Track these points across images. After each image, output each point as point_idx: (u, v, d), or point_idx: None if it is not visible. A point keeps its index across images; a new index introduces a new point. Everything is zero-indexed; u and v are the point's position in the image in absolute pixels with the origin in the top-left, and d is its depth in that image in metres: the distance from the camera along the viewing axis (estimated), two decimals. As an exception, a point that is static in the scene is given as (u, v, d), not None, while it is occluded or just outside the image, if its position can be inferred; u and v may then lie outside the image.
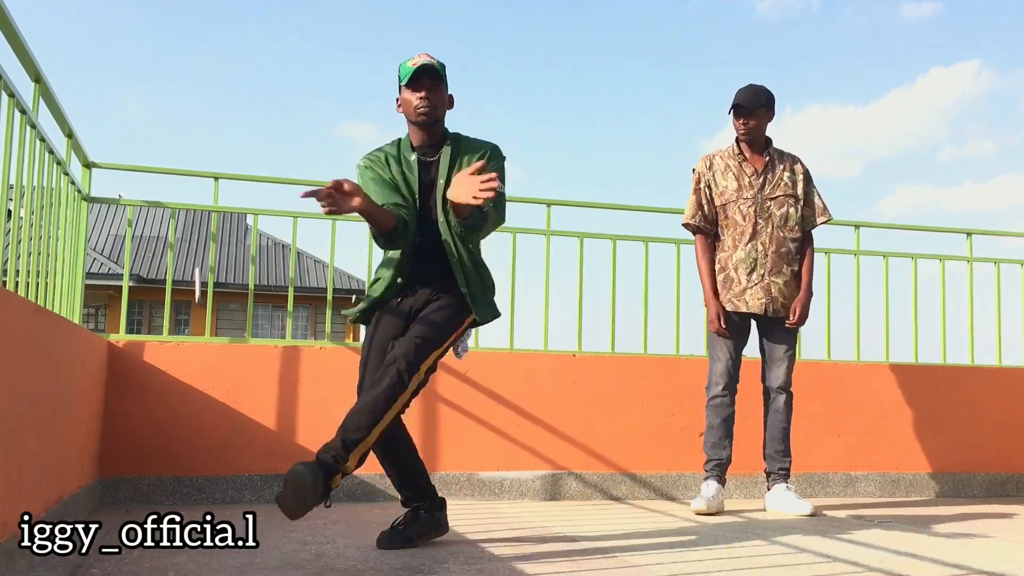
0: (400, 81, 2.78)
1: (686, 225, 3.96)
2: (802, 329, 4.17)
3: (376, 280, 2.84)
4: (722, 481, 3.78)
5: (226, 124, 42.90)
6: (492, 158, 2.80)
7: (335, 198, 2.41)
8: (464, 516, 3.42)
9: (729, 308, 3.83)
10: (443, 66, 2.78)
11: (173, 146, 40.19)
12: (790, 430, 3.86)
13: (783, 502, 3.76)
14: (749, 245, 3.82)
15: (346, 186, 2.42)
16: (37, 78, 2.73)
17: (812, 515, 3.64)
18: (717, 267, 3.90)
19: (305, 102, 42.54)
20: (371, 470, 3.90)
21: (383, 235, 2.66)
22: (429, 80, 2.72)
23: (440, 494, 3.96)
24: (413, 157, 2.80)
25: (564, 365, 4.25)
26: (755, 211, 3.83)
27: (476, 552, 2.64)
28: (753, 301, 3.80)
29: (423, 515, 2.77)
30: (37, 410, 2.34)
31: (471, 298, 2.77)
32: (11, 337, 2.06)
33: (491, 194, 2.41)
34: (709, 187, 3.91)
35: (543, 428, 4.17)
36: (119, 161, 3.99)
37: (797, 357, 4.52)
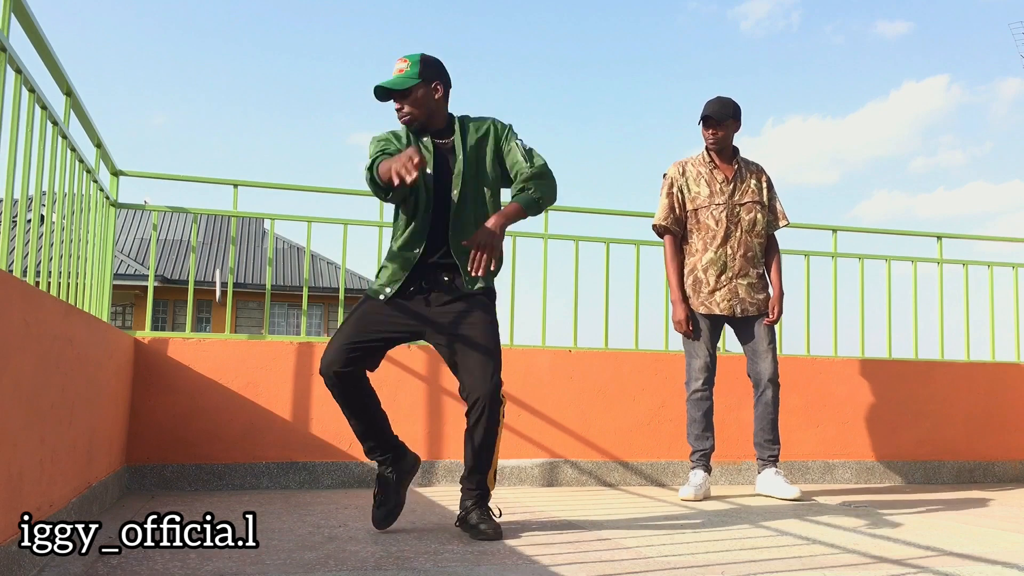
0: None
1: (657, 227, 3.93)
2: (783, 325, 4.18)
3: (382, 268, 2.75)
4: (708, 470, 3.78)
5: (244, 133, 42.89)
6: (501, 135, 2.77)
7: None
8: (467, 501, 3.41)
9: (702, 311, 3.82)
10: (417, 61, 2.69)
11: (195, 154, 40.21)
12: (778, 419, 3.84)
13: (772, 485, 3.75)
14: (720, 249, 3.82)
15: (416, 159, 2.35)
16: (68, 92, 2.73)
17: (798, 499, 3.64)
18: (686, 270, 3.89)
19: (319, 113, 42.57)
20: (380, 458, 3.91)
21: (396, 188, 2.55)
22: (395, 95, 2.69)
23: (443, 480, 3.97)
24: (427, 139, 2.75)
25: (561, 360, 4.25)
26: (726, 216, 3.83)
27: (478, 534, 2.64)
28: (723, 303, 3.80)
29: (390, 472, 2.73)
30: (68, 402, 2.34)
31: (489, 280, 2.74)
32: (43, 334, 2.06)
33: (481, 272, 2.51)
34: (682, 192, 3.89)
35: (541, 419, 4.16)
36: (145, 169, 4.00)
37: (779, 353, 4.53)
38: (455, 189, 2.71)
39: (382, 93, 2.69)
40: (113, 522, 2.75)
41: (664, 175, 3.97)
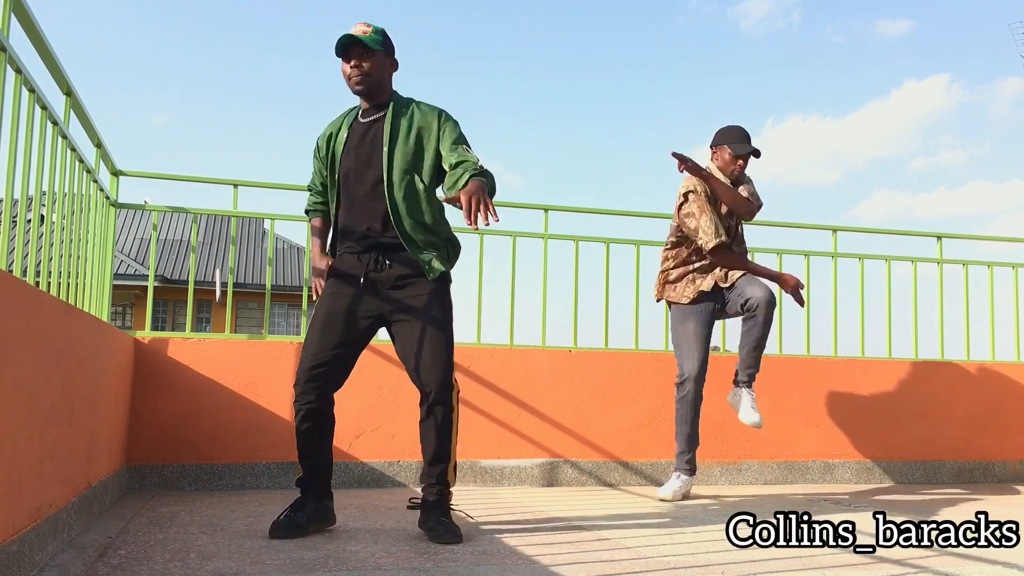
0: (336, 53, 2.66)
1: (716, 247, 3.69)
2: (783, 326, 4.17)
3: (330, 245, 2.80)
4: (692, 473, 3.79)
5: (244, 133, 42.90)
6: (445, 125, 2.68)
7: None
8: (467, 501, 3.41)
9: (694, 296, 3.78)
10: (380, 31, 2.65)
11: (195, 154, 40.22)
12: (765, 343, 3.77)
13: (740, 403, 3.76)
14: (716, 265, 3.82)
15: (318, 281, 2.79)
16: (68, 92, 2.73)
17: (757, 426, 3.68)
18: (679, 272, 3.86)
19: (317, 112, 42.59)
20: (379, 458, 3.92)
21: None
22: (357, 50, 2.62)
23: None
24: (351, 122, 2.75)
25: (561, 360, 4.25)
26: (726, 233, 3.82)
27: (478, 534, 2.64)
28: (707, 282, 3.77)
29: (311, 504, 2.62)
30: (68, 402, 2.34)
31: (438, 258, 2.66)
32: (43, 334, 2.06)
33: (484, 222, 2.31)
34: (711, 204, 3.80)
35: (541, 419, 4.16)
36: (144, 169, 3.99)
37: (778, 353, 4.54)
38: (384, 167, 2.63)
39: (351, 41, 2.60)
40: (113, 522, 2.75)
41: (692, 191, 3.75)
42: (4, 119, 2.06)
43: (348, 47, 2.63)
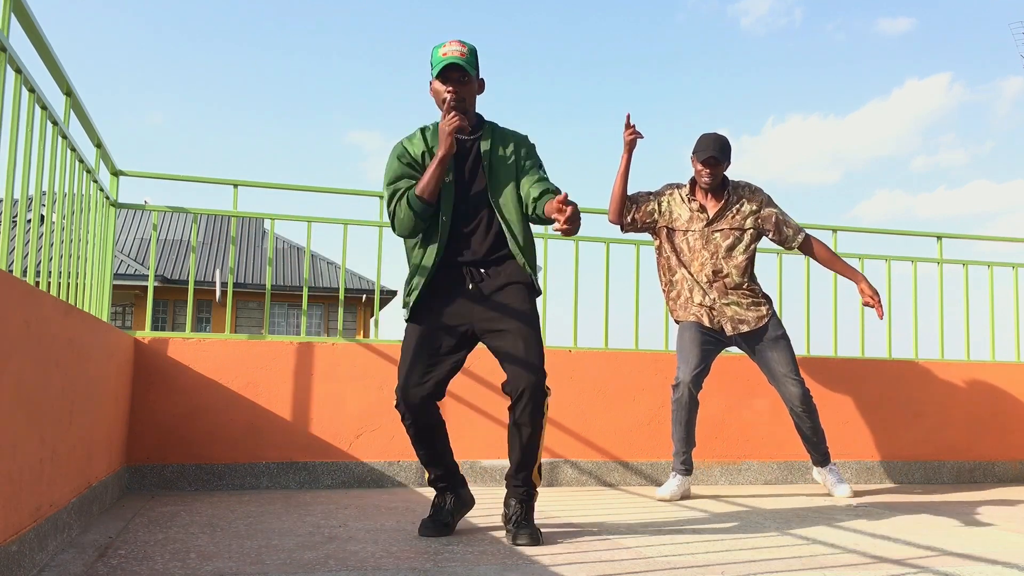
0: (432, 68, 2.64)
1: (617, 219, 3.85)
2: (784, 325, 4.16)
3: (413, 279, 2.70)
4: (688, 472, 3.80)
5: (243, 132, 42.93)
6: (531, 150, 2.76)
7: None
8: (467, 501, 3.41)
9: (691, 319, 3.81)
10: (474, 53, 2.65)
11: (194, 153, 40.26)
12: (817, 426, 3.87)
13: (827, 482, 3.97)
14: (697, 273, 3.81)
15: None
16: (68, 91, 2.73)
17: (852, 496, 3.84)
18: (671, 285, 3.90)
19: (316, 111, 42.60)
20: (379, 458, 3.92)
21: (426, 203, 2.60)
22: (457, 74, 2.62)
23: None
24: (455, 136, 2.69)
25: (561, 360, 4.25)
26: (700, 243, 3.81)
27: (477, 534, 2.64)
28: (704, 319, 3.79)
29: (449, 497, 2.71)
30: (68, 402, 2.34)
31: (530, 267, 2.70)
32: (43, 334, 2.06)
33: (573, 227, 2.37)
34: (662, 206, 3.87)
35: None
36: (144, 169, 4.00)
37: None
38: (488, 187, 2.68)
39: (452, 65, 2.60)
40: (113, 522, 2.75)
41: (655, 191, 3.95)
42: (4, 119, 2.06)
43: (449, 71, 2.62)
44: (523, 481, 2.64)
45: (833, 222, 4.86)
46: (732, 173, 4.57)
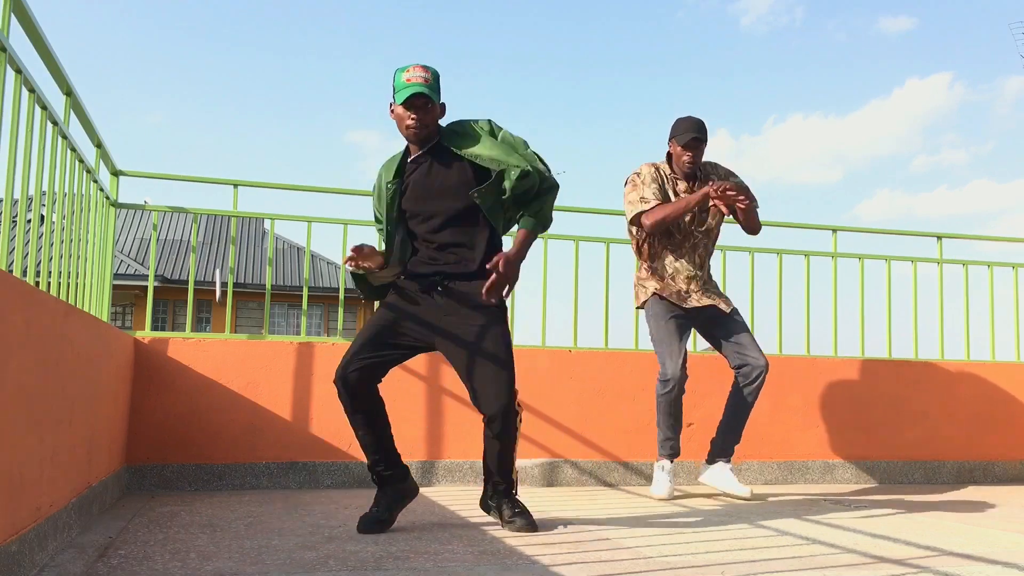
0: (394, 93, 2.72)
1: (637, 217, 3.66)
2: (783, 326, 4.17)
3: (388, 260, 2.83)
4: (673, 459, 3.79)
5: (241, 131, 42.94)
6: (483, 133, 2.78)
7: (355, 258, 2.70)
8: (467, 501, 3.41)
9: (673, 299, 3.72)
10: (437, 78, 2.72)
11: (192, 152, 40.26)
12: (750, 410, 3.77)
13: (727, 481, 3.72)
14: (687, 256, 3.75)
15: (365, 249, 2.71)
16: (68, 92, 2.73)
17: (750, 499, 3.65)
18: (655, 271, 3.79)
19: (316, 111, 42.60)
20: (380, 458, 3.91)
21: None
22: (420, 101, 2.68)
23: (443, 480, 3.97)
24: (412, 156, 2.81)
25: (561, 360, 4.25)
26: (694, 224, 3.75)
27: (478, 535, 2.64)
28: (694, 300, 3.72)
29: (389, 491, 2.77)
30: (67, 402, 2.34)
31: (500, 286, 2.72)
32: (43, 334, 2.06)
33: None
34: (662, 190, 3.72)
35: (541, 419, 4.16)
36: (144, 169, 4.00)
37: (778, 353, 4.53)
38: (452, 199, 2.74)
39: (418, 97, 2.67)
40: (113, 522, 2.75)
41: (636, 173, 3.76)
42: (4, 119, 2.06)
43: (412, 97, 2.68)
44: (504, 478, 2.80)
45: (833, 222, 4.86)
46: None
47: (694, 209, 3.66)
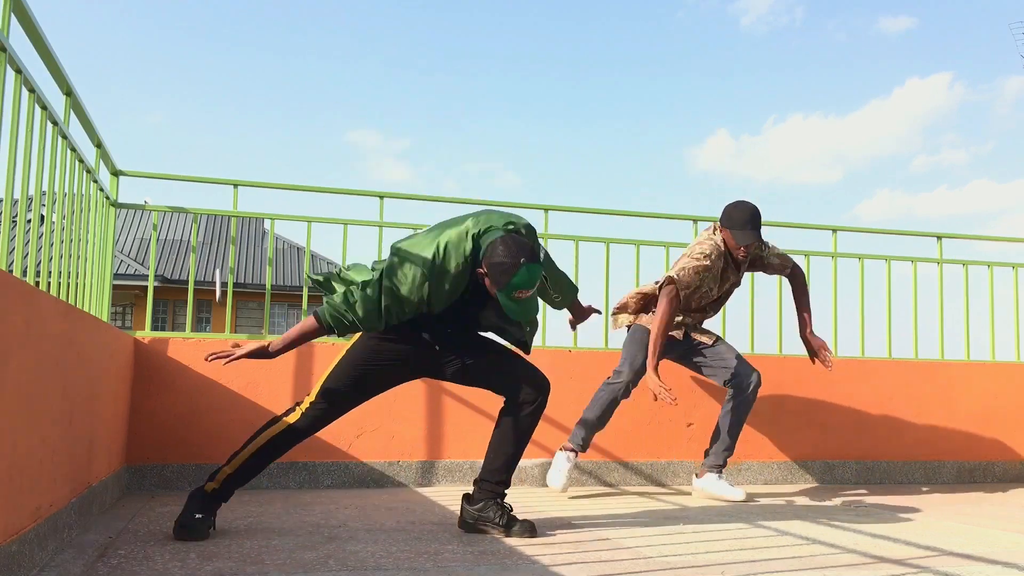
0: (503, 279, 2.38)
1: (673, 282, 3.62)
2: (783, 326, 4.17)
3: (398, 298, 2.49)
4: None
5: (241, 131, 42.95)
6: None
7: (232, 353, 2.55)
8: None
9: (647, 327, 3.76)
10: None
11: (192, 152, 40.27)
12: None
13: (720, 489, 3.71)
14: (694, 315, 3.83)
15: (241, 344, 2.59)
16: (68, 91, 2.73)
17: (745, 500, 3.64)
18: (647, 302, 3.86)
19: (316, 111, 42.61)
20: (379, 458, 3.92)
21: (328, 332, 2.57)
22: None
23: (443, 481, 3.97)
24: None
25: (561, 360, 4.25)
26: (718, 298, 3.85)
27: (477, 535, 2.64)
28: (676, 332, 3.79)
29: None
30: (67, 402, 2.34)
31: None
32: (43, 334, 2.06)
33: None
34: (709, 274, 3.68)
35: (541, 419, 4.15)
36: (144, 169, 4.00)
37: (778, 353, 4.54)
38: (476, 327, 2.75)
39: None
40: (113, 522, 2.75)
41: (707, 255, 3.65)
42: (4, 119, 2.06)
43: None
44: (507, 478, 2.73)
45: (833, 222, 4.86)
46: (736, 175, 4.56)
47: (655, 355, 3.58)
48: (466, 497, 2.74)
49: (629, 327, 3.89)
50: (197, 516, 2.51)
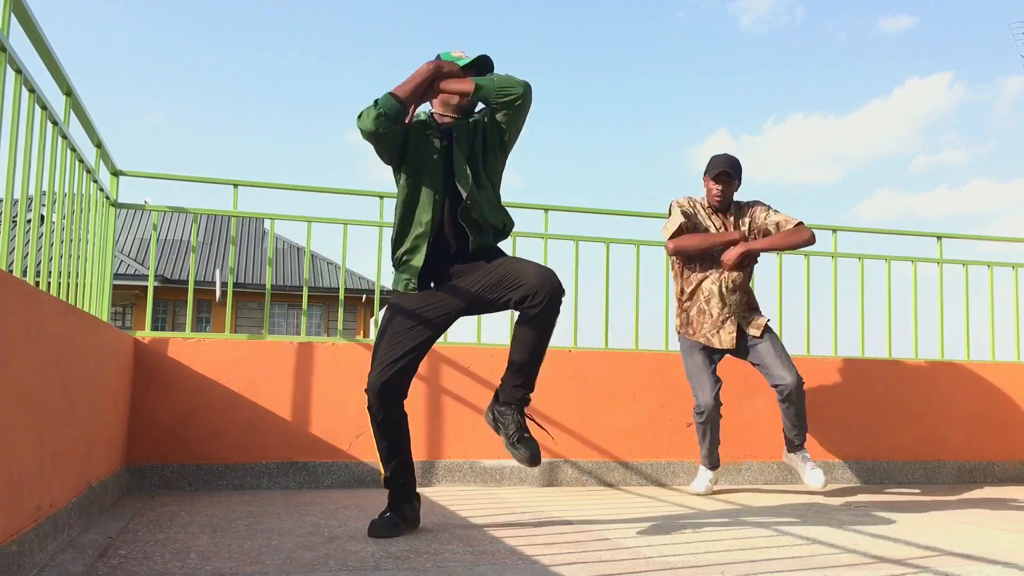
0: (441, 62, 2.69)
1: (670, 243, 3.89)
2: (783, 326, 4.17)
3: (409, 249, 2.70)
4: (715, 468, 3.96)
5: (241, 131, 42.95)
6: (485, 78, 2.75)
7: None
8: (467, 501, 3.41)
9: (702, 342, 3.90)
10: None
11: (192, 152, 40.26)
12: (804, 415, 3.87)
13: (799, 467, 3.94)
14: (719, 280, 3.87)
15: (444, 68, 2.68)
16: (68, 92, 2.73)
17: (824, 486, 3.84)
18: (686, 297, 3.95)
19: (315, 111, 42.61)
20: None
21: (399, 103, 2.59)
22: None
23: (443, 480, 3.97)
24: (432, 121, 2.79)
25: (561, 360, 4.25)
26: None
27: (477, 535, 2.64)
28: (726, 339, 3.87)
29: (406, 507, 2.73)
30: (68, 402, 2.34)
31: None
32: (43, 334, 2.06)
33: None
34: (693, 219, 3.91)
35: (542, 419, 4.16)
36: (144, 169, 4.00)
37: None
38: (466, 173, 2.69)
39: (488, 62, 2.78)
40: (113, 522, 2.75)
41: (672, 202, 3.96)
42: (4, 119, 2.06)
43: (486, 67, 2.80)
44: (525, 383, 2.64)
45: (833, 222, 4.86)
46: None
47: (718, 247, 3.84)
48: (496, 392, 2.72)
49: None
50: (386, 515, 2.65)
